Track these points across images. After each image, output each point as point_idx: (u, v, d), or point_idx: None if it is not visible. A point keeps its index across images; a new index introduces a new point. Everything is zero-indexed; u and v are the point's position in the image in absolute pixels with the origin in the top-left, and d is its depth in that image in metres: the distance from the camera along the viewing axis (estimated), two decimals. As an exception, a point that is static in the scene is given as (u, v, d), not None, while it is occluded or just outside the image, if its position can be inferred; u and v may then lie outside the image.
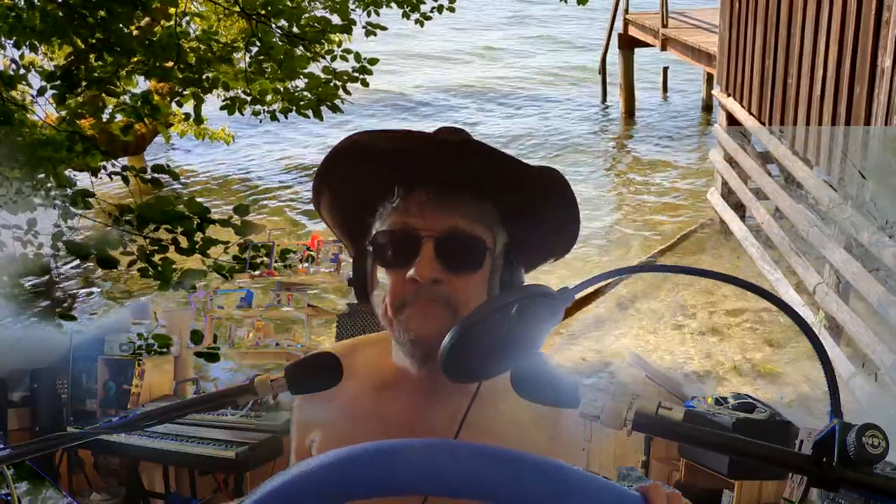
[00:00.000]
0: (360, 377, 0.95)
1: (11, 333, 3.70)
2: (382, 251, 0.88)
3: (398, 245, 0.87)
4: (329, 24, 4.25)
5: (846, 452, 0.57)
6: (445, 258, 0.86)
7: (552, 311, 0.74)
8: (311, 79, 4.14)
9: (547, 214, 0.90)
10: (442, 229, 0.86)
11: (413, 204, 0.87)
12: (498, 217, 0.90)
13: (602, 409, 0.65)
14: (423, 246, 0.86)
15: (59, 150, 3.16)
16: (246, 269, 3.98)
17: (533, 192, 0.88)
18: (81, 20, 3.30)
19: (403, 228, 0.87)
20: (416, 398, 0.92)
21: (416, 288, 0.85)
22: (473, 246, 0.87)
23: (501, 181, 0.87)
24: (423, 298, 0.86)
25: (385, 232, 0.88)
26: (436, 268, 0.85)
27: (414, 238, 0.86)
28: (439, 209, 0.86)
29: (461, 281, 0.86)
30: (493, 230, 0.89)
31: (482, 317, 0.72)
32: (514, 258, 0.90)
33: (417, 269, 0.85)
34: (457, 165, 0.86)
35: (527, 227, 0.91)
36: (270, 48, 3.95)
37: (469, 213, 0.87)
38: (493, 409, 0.89)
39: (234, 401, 0.89)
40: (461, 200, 0.87)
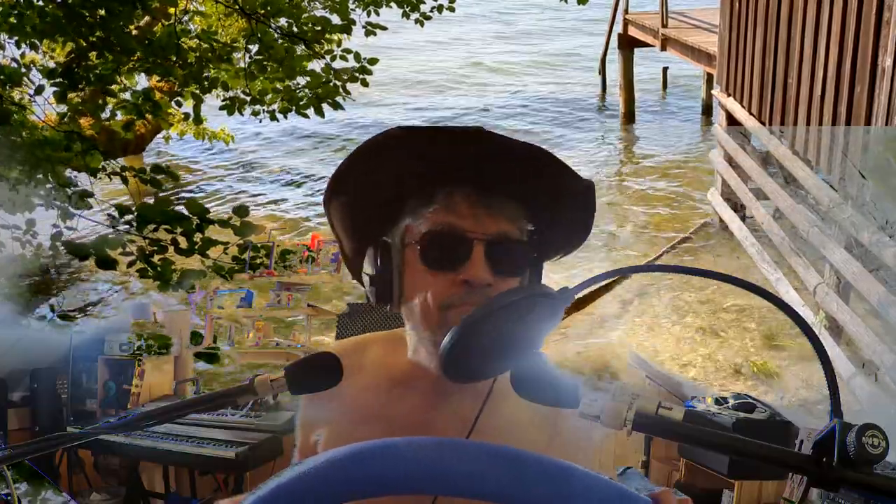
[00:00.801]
0: (369, 374, 0.94)
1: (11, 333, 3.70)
2: (430, 252, 0.86)
3: (448, 247, 0.86)
4: (329, 23, 4.25)
5: (846, 452, 0.57)
6: (495, 262, 0.85)
7: (552, 311, 0.74)
8: (311, 76, 4.14)
9: (570, 217, 0.90)
10: (492, 233, 0.85)
11: (460, 204, 0.86)
12: (525, 216, 0.90)
13: (602, 409, 0.65)
14: (475, 249, 0.85)
15: (58, 150, 3.16)
16: (246, 270, 3.98)
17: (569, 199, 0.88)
18: (81, 19, 3.30)
19: (452, 230, 0.85)
20: (428, 397, 0.91)
21: (466, 290, 0.85)
22: (521, 251, 0.88)
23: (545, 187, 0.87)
24: (475, 300, 0.84)
25: (433, 233, 0.86)
26: (487, 271, 0.85)
27: (465, 241, 0.85)
28: (486, 211, 0.86)
29: (506, 284, 0.86)
30: (524, 228, 0.89)
31: (482, 317, 0.72)
32: (538, 256, 0.91)
33: (472, 272, 0.84)
34: (501, 166, 0.85)
35: (549, 227, 0.91)
36: (270, 47, 3.96)
37: (511, 214, 0.87)
38: (504, 410, 0.89)
39: (234, 401, 0.89)
40: (505, 201, 0.87)
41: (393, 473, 0.63)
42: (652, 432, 0.65)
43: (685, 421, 0.64)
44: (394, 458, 0.64)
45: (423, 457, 0.64)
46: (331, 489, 0.62)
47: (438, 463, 0.63)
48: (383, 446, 0.64)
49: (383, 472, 0.63)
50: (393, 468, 0.63)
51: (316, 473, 0.63)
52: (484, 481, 0.62)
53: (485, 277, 0.84)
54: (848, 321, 4.36)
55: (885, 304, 3.97)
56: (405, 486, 0.63)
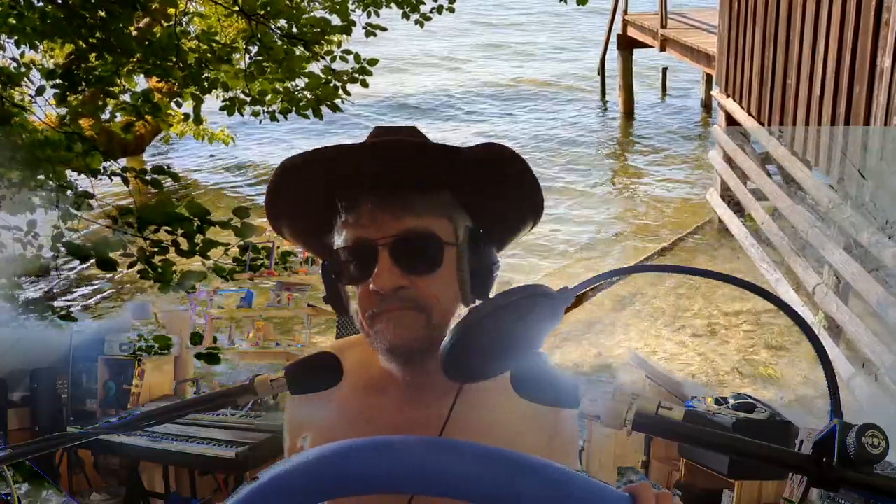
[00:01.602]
0: (349, 377, 0.94)
1: (11, 333, 3.70)
2: (343, 268, 0.87)
3: (356, 259, 0.86)
4: (329, 24, 4.24)
5: (846, 452, 0.57)
6: (403, 263, 0.84)
7: (552, 311, 0.74)
8: (311, 78, 4.14)
9: (504, 190, 0.88)
10: (394, 233, 0.84)
11: (362, 214, 0.85)
12: (456, 203, 0.88)
13: (602, 409, 0.65)
14: (379, 255, 0.84)
15: (59, 151, 3.16)
16: (246, 271, 3.98)
17: (481, 171, 0.86)
18: (81, 21, 3.30)
19: (356, 242, 0.86)
20: (402, 399, 0.92)
21: (381, 298, 0.84)
22: (429, 245, 0.86)
23: (448, 169, 0.85)
24: (392, 307, 0.85)
25: (341, 250, 0.87)
26: (396, 274, 0.84)
27: (369, 249, 0.85)
28: (388, 213, 0.85)
29: (424, 281, 0.85)
30: (452, 219, 0.87)
31: (482, 317, 0.72)
32: (482, 240, 0.89)
33: (376, 280, 0.84)
34: (396, 165, 0.84)
35: (487, 207, 0.89)
36: (270, 48, 3.96)
37: (421, 209, 0.85)
38: (479, 409, 0.89)
39: (234, 401, 0.89)
40: (410, 199, 0.85)
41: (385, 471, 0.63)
42: (652, 432, 0.66)
43: (685, 421, 0.64)
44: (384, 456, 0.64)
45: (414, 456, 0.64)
46: (320, 485, 0.63)
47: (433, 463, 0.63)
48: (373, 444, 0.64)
49: (373, 469, 0.63)
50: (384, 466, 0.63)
51: (305, 469, 0.63)
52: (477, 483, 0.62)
53: (391, 283, 0.83)
54: (847, 321, 4.36)
55: (885, 304, 3.97)
56: (396, 484, 0.63)
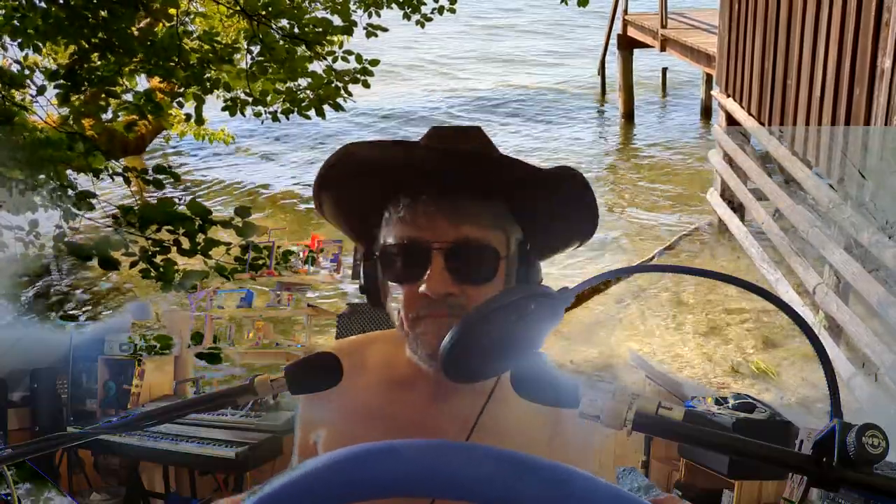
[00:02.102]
0: (371, 373, 0.94)
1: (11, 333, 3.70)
2: (392, 266, 0.86)
3: (407, 259, 0.84)
4: (330, 25, 4.25)
5: (846, 452, 0.57)
6: (457, 270, 0.83)
7: (552, 311, 0.74)
8: (313, 78, 4.14)
9: (562, 210, 0.87)
10: (451, 240, 0.83)
11: (419, 214, 0.84)
12: (510, 215, 0.87)
13: (602, 409, 0.65)
14: (433, 259, 0.83)
15: (61, 150, 3.16)
16: (247, 270, 3.98)
17: (547, 191, 0.85)
18: (83, 21, 3.30)
19: (411, 241, 0.84)
20: (430, 396, 0.91)
21: (428, 302, 0.83)
22: (485, 256, 0.84)
23: (511, 182, 0.84)
24: (439, 312, 0.83)
25: (392, 246, 0.85)
26: (447, 281, 0.83)
27: (423, 251, 0.83)
28: (447, 218, 0.83)
29: (475, 290, 0.84)
30: (506, 230, 0.87)
31: (482, 317, 0.72)
32: (530, 254, 0.88)
33: (428, 284, 0.82)
34: (461, 170, 0.83)
35: (540, 222, 0.88)
36: (272, 49, 3.96)
37: (479, 218, 0.84)
38: (506, 411, 0.89)
39: (234, 401, 0.89)
40: (469, 206, 0.84)
41: (394, 476, 0.63)
42: (652, 432, 0.66)
43: (685, 421, 0.64)
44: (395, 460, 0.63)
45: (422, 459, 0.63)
46: (330, 491, 0.62)
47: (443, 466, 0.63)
48: (384, 448, 0.64)
49: (384, 474, 0.63)
50: (394, 470, 0.63)
51: (316, 475, 0.63)
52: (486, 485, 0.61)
53: (443, 288, 0.82)
54: (847, 321, 4.36)
55: (885, 304, 3.97)
56: (406, 488, 0.63)
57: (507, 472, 0.61)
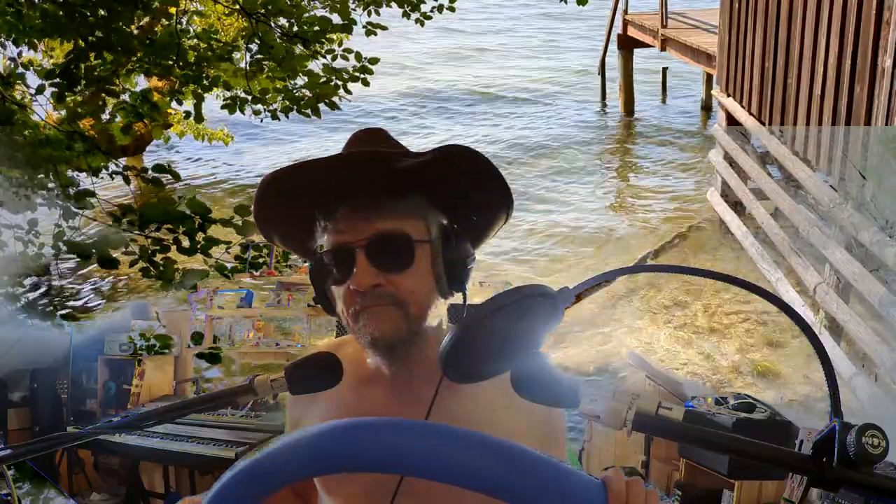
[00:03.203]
0: (346, 372, 0.98)
1: (11, 333, 3.70)
2: (327, 272, 0.95)
3: (336, 263, 0.93)
4: (329, 23, 4.24)
5: (846, 452, 0.57)
6: (378, 262, 0.91)
7: (552, 311, 0.74)
8: (310, 77, 4.14)
9: (469, 187, 0.94)
10: (368, 236, 0.91)
11: (339, 220, 0.93)
12: (430, 204, 0.95)
13: (602, 409, 0.65)
14: (357, 256, 0.91)
15: (60, 149, 3.16)
16: (247, 269, 3.98)
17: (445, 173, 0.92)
18: (82, 19, 3.29)
19: (336, 246, 0.93)
20: (390, 392, 0.97)
21: (360, 296, 0.91)
22: (400, 244, 0.92)
23: (412, 174, 0.92)
24: (371, 303, 0.92)
25: (324, 254, 0.94)
26: (372, 273, 0.91)
27: (346, 252, 0.92)
28: (362, 218, 0.92)
29: (399, 278, 0.92)
30: (425, 219, 0.94)
31: (482, 317, 0.72)
32: (455, 236, 0.95)
33: (355, 279, 0.91)
34: (366, 176, 0.92)
35: (458, 204, 0.96)
36: (271, 47, 3.95)
37: (393, 212, 0.93)
38: (462, 398, 0.93)
39: (234, 401, 0.89)
40: (382, 203, 0.92)
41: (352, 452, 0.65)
42: (652, 432, 0.66)
43: (685, 421, 0.64)
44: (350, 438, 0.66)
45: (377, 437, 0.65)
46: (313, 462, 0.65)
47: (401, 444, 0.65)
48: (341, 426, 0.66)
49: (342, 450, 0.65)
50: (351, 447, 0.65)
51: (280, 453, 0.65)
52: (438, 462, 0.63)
53: (368, 281, 0.91)
54: (848, 321, 4.36)
55: (886, 304, 3.97)
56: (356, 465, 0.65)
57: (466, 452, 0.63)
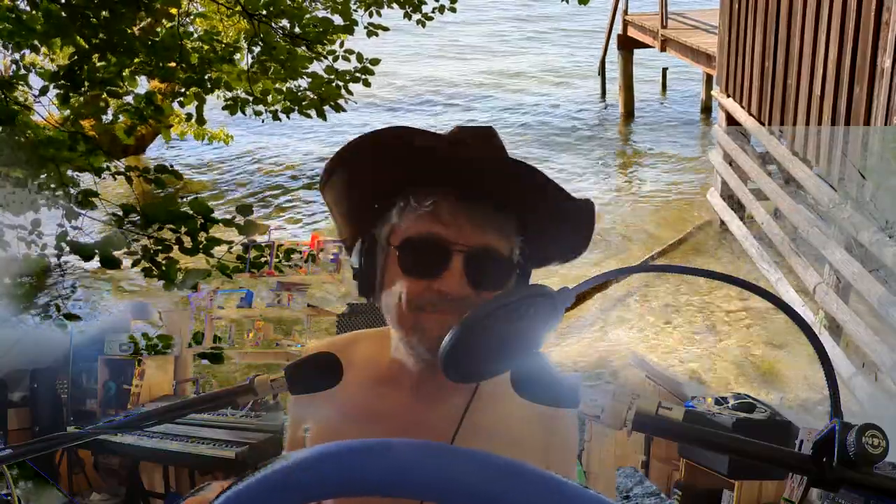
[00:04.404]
0: (356, 371, 0.94)
1: (11, 333, 3.70)
2: (408, 258, 0.86)
3: (427, 255, 0.85)
4: (331, 24, 4.24)
5: (846, 452, 0.57)
6: (474, 275, 0.84)
7: (552, 311, 0.74)
8: (313, 78, 4.14)
9: (567, 232, 0.89)
10: (473, 245, 0.84)
11: (445, 212, 0.84)
12: (517, 229, 0.88)
13: (602, 409, 0.65)
14: (453, 260, 0.83)
15: (62, 150, 3.16)
16: (248, 269, 3.98)
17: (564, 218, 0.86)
18: (85, 20, 3.29)
19: (434, 238, 0.84)
20: (414, 395, 0.92)
21: (439, 299, 0.84)
22: (504, 266, 0.86)
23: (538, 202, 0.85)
24: (444, 310, 0.84)
25: (414, 239, 0.85)
26: (464, 284, 0.84)
27: (444, 251, 0.84)
28: (470, 221, 0.84)
29: (487, 297, 0.84)
30: (512, 241, 0.88)
31: (482, 317, 0.72)
32: (529, 264, 0.90)
33: (448, 283, 0.83)
34: (494, 178, 0.83)
35: (543, 240, 0.90)
36: (273, 48, 3.95)
37: (498, 228, 0.85)
38: (491, 409, 0.89)
39: (234, 401, 0.89)
40: (491, 213, 0.85)
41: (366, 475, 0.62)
42: (652, 432, 0.66)
43: (685, 421, 0.64)
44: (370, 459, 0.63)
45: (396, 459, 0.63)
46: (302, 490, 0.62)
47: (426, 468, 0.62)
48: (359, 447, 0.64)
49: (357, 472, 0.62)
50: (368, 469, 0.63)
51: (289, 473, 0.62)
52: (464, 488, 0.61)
53: (460, 290, 0.83)
54: (848, 321, 4.36)
55: (885, 304, 3.97)
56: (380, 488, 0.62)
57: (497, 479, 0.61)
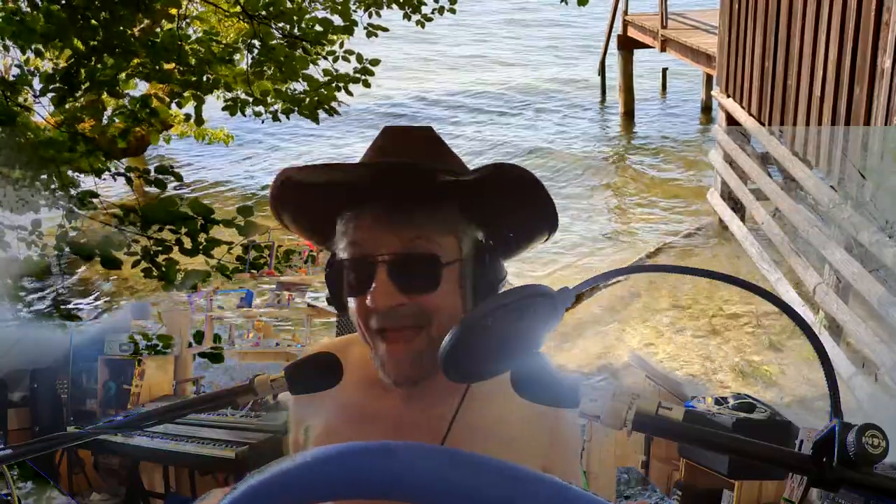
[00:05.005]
0: (354, 373, 0.95)
1: (11, 333, 3.70)
2: (343, 279, 0.87)
3: (355, 273, 0.85)
4: (331, 25, 4.24)
5: (846, 452, 0.57)
6: (400, 282, 0.83)
7: (552, 311, 0.74)
8: (309, 81, 4.14)
9: (514, 209, 0.87)
10: (394, 251, 0.83)
11: (363, 228, 0.84)
12: (464, 217, 0.86)
13: (602, 409, 0.65)
14: (377, 272, 0.83)
15: (62, 151, 3.16)
16: (247, 270, 3.98)
17: (495, 192, 0.84)
18: (85, 22, 3.29)
19: (356, 256, 0.85)
20: (407, 396, 0.92)
21: (378, 314, 0.84)
22: (428, 265, 0.84)
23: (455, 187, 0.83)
24: (390, 324, 0.84)
25: (342, 260, 0.86)
26: (392, 293, 0.83)
27: (367, 264, 0.84)
28: (388, 229, 0.83)
29: (424, 300, 0.84)
30: (457, 235, 0.86)
31: (482, 317, 0.72)
32: (489, 254, 0.88)
33: (373, 297, 0.83)
34: (397, 184, 0.83)
35: (497, 223, 0.88)
36: (272, 49, 3.95)
37: (424, 226, 0.84)
38: (484, 409, 0.89)
39: (234, 401, 0.89)
40: (415, 214, 0.83)
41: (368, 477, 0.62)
42: (652, 432, 0.66)
43: (685, 421, 0.64)
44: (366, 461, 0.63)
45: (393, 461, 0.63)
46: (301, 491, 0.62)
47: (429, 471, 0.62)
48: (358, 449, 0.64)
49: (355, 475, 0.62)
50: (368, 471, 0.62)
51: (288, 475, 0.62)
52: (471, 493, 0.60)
53: (387, 301, 0.82)
54: (848, 321, 4.36)
55: (885, 304, 3.97)
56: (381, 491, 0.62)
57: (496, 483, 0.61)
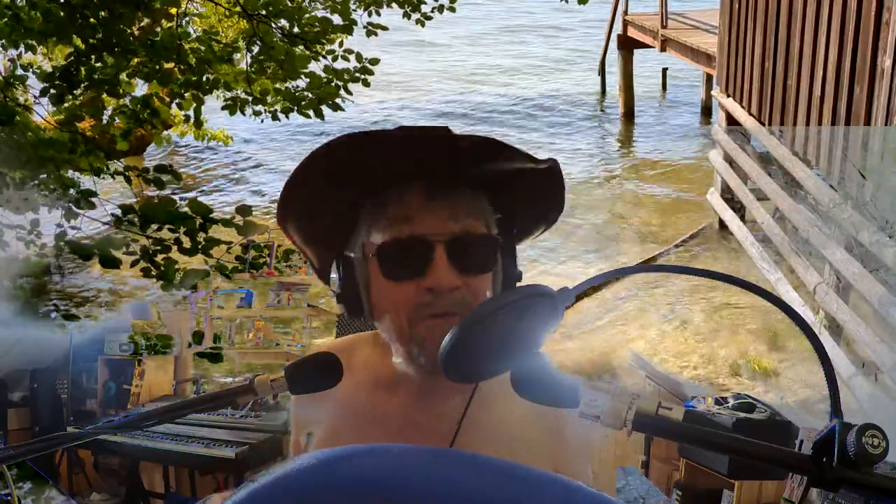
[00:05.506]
0: (358, 374, 0.94)
1: (11, 333, 3.70)
2: (390, 264, 0.82)
3: (409, 255, 0.81)
4: (330, 24, 4.24)
5: (846, 452, 0.57)
6: (460, 262, 0.81)
7: (552, 311, 0.73)
8: (312, 78, 4.14)
9: (538, 201, 0.88)
10: (452, 231, 0.81)
11: (413, 206, 0.81)
12: (491, 205, 0.86)
13: (602, 409, 0.65)
14: (436, 252, 0.80)
15: (62, 151, 3.16)
16: (247, 270, 3.98)
17: (535, 184, 0.85)
18: (84, 20, 3.30)
19: (408, 237, 0.81)
20: (414, 397, 0.90)
21: (432, 298, 0.81)
22: (488, 245, 0.84)
23: (503, 174, 0.83)
24: (442, 312, 0.81)
25: (388, 243, 0.82)
26: (453, 274, 0.80)
27: (423, 245, 0.80)
28: (442, 209, 0.81)
29: (477, 282, 0.83)
30: (488, 220, 0.85)
31: (482, 317, 0.72)
32: (510, 242, 0.88)
33: (434, 277, 0.80)
34: (453, 159, 0.81)
35: (518, 213, 0.89)
36: (271, 48, 3.96)
37: (472, 208, 0.83)
38: (492, 410, 0.89)
39: (234, 401, 0.89)
40: (460, 195, 0.82)
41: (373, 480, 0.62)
42: (652, 432, 0.66)
43: (685, 421, 0.64)
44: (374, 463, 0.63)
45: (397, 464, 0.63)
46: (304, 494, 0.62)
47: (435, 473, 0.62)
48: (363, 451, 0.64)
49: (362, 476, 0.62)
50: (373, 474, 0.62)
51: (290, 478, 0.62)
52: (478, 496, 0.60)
53: (450, 281, 0.80)
54: (848, 321, 4.36)
55: (886, 304, 3.97)
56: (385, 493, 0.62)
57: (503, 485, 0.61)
